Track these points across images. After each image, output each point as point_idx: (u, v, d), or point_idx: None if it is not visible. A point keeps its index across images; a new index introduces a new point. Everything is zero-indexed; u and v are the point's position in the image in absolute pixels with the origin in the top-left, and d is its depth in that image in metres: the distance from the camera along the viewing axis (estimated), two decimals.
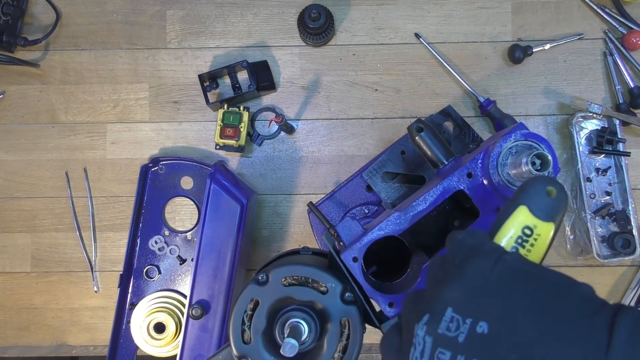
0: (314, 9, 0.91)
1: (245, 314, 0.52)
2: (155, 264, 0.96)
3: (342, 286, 0.51)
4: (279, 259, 0.59)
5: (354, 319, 0.51)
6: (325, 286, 0.51)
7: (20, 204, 1.00)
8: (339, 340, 0.51)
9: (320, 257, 0.60)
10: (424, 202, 0.58)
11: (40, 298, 1.00)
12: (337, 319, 0.51)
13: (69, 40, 1.01)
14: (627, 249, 0.92)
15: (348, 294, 0.51)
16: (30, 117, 1.00)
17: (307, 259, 0.58)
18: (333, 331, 0.51)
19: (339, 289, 0.51)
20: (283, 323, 0.51)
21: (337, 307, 0.51)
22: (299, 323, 0.50)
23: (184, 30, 1.00)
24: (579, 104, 0.95)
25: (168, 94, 1.00)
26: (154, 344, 0.92)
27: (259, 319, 0.51)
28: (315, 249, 0.63)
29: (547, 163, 0.52)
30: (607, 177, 0.95)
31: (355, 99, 0.99)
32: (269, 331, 0.51)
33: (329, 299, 0.51)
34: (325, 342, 0.51)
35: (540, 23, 0.99)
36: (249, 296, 0.51)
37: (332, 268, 0.55)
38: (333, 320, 0.51)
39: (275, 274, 0.51)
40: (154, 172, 0.97)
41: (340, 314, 0.51)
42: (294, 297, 0.51)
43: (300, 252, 0.62)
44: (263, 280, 0.51)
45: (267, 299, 0.51)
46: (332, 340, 0.51)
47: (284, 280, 0.52)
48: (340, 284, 0.51)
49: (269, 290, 0.51)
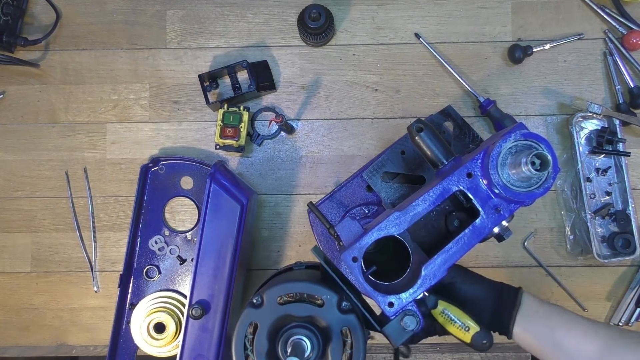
0: (314, 9, 0.91)
1: (246, 338, 0.51)
2: (155, 264, 0.96)
3: (337, 296, 0.51)
4: (272, 279, 0.59)
5: (354, 327, 0.51)
6: (321, 299, 0.51)
7: (20, 204, 1.00)
8: (343, 350, 0.51)
9: (314, 271, 0.60)
10: (423, 202, 0.57)
11: (40, 298, 1.00)
12: (338, 330, 0.51)
13: (69, 40, 1.01)
14: (627, 249, 0.92)
15: (345, 303, 0.51)
16: (30, 117, 1.00)
17: (300, 275, 0.57)
18: (335, 342, 0.50)
19: (335, 299, 0.51)
20: (285, 341, 0.50)
21: (335, 318, 0.51)
22: (300, 340, 0.50)
23: (184, 30, 1.00)
24: (579, 104, 0.95)
25: (168, 94, 1.00)
26: (154, 344, 0.92)
27: (260, 342, 0.51)
28: (309, 262, 0.62)
29: (546, 163, 0.52)
30: (607, 177, 0.95)
31: (355, 99, 0.99)
32: (272, 352, 0.51)
33: (326, 311, 0.51)
34: (329, 355, 0.51)
35: (540, 23, 0.99)
36: (247, 321, 0.51)
37: (326, 280, 0.55)
38: (334, 331, 0.51)
39: (269, 294, 0.51)
40: (154, 172, 0.97)
41: (339, 324, 0.51)
42: (292, 314, 0.51)
43: (293, 268, 0.62)
44: (258, 302, 0.51)
45: (266, 321, 0.51)
46: (336, 352, 0.50)
47: (280, 299, 0.51)
48: (335, 294, 0.51)
49: (265, 312, 0.51)
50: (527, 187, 0.55)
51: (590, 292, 0.97)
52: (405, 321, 0.55)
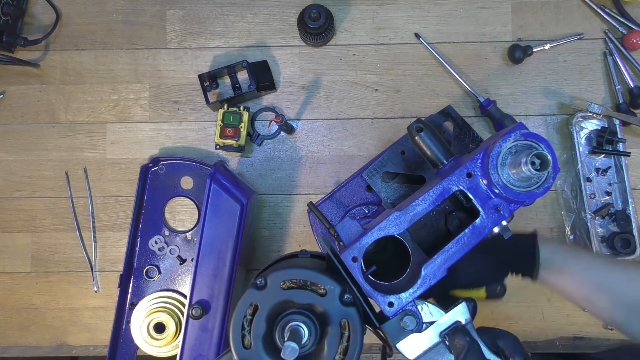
0: (314, 9, 0.91)
1: (245, 319, 0.51)
2: (155, 264, 0.96)
3: (341, 288, 0.51)
4: (277, 263, 0.59)
5: (353, 320, 0.51)
6: (324, 288, 0.51)
7: (20, 204, 1.00)
8: (340, 342, 0.51)
9: (318, 260, 0.60)
10: (423, 202, 0.57)
11: (40, 298, 1.00)
12: (337, 321, 0.51)
13: (69, 40, 1.01)
14: (627, 249, 0.92)
15: (347, 295, 0.51)
16: (30, 117, 1.00)
17: (305, 262, 0.57)
18: (333, 333, 0.51)
19: (338, 290, 0.51)
20: (283, 327, 0.51)
21: (336, 309, 0.51)
22: (298, 326, 0.50)
23: (184, 30, 1.00)
24: (579, 103, 0.95)
25: (168, 94, 1.00)
26: (154, 343, 0.92)
27: (259, 324, 0.51)
28: (314, 252, 0.63)
29: (546, 163, 0.52)
30: (607, 177, 0.95)
31: (355, 99, 0.99)
32: (269, 335, 0.51)
33: (328, 301, 0.51)
34: (325, 345, 0.51)
35: (540, 23, 0.99)
36: (248, 301, 0.51)
37: (330, 270, 0.55)
38: (333, 322, 0.51)
39: (273, 278, 0.51)
40: (154, 172, 0.97)
41: (339, 315, 0.51)
42: (293, 300, 0.51)
43: (298, 256, 0.62)
44: (262, 284, 0.51)
45: (266, 303, 0.51)
46: (333, 343, 0.51)
47: (283, 284, 0.52)
48: (339, 285, 0.51)
49: (267, 295, 0.51)
50: (527, 187, 0.55)
51: None
52: (405, 321, 0.55)
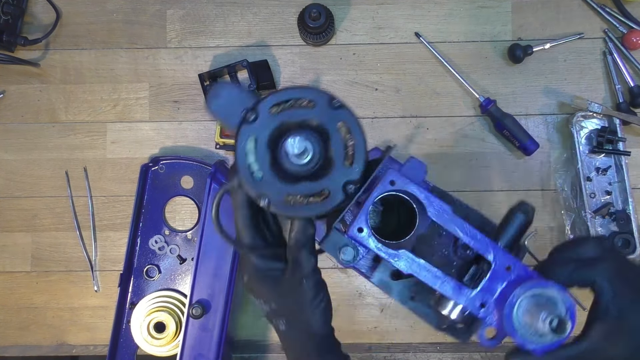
0: (314, 9, 0.91)
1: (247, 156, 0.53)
2: (155, 264, 0.96)
3: (327, 96, 0.53)
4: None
5: (348, 118, 0.52)
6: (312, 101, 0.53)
7: (20, 203, 1.00)
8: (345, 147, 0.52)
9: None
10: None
11: (41, 297, 1.00)
12: (334, 126, 0.52)
13: (69, 40, 1.01)
14: (627, 249, 0.92)
15: (335, 100, 0.53)
16: (30, 117, 1.00)
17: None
18: (335, 138, 0.52)
19: (326, 97, 0.53)
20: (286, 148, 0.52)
21: (329, 116, 0.52)
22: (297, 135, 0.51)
23: (184, 30, 1.00)
24: (579, 103, 0.95)
25: (168, 94, 1.00)
26: (154, 343, 0.92)
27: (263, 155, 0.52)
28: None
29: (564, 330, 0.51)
30: (607, 176, 0.95)
31: (355, 99, 0.99)
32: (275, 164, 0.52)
33: (319, 111, 0.52)
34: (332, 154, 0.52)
35: (540, 22, 0.99)
36: (246, 136, 0.52)
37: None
38: (330, 128, 0.52)
39: (262, 107, 0.52)
40: (154, 171, 0.97)
41: (334, 120, 0.52)
42: (288, 121, 0.52)
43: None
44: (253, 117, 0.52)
45: (263, 132, 0.52)
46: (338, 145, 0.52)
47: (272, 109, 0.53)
48: (325, 94, 0.53)
49: (261, 124, 0.52)
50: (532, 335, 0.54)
51: (590, 292, 0.97)
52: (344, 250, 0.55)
